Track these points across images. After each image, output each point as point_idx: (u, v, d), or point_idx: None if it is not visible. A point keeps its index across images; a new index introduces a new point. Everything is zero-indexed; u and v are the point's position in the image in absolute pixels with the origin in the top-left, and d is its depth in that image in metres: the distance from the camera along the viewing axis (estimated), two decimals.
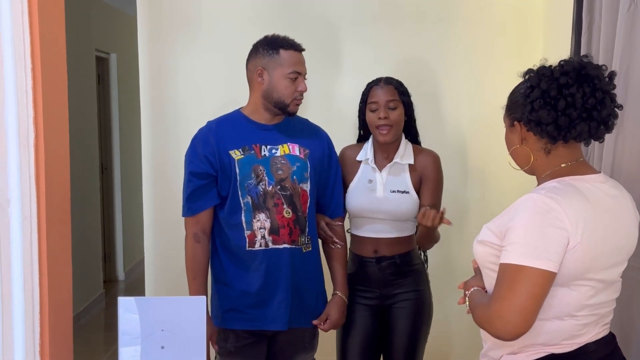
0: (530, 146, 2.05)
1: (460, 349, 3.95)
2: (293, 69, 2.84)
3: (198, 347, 2.10)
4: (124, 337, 2.08)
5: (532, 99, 1.97)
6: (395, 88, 3.07)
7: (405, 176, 3.09)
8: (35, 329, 2.13)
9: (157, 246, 3.91)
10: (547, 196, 1.87)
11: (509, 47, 3.79)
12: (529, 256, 1.81)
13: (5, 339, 2.10)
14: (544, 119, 1.95)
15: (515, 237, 1.85)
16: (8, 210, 2.08)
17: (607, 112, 1.95)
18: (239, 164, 2.84)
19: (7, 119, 2.07)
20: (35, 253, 2.13)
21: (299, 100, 2.88)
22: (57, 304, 2.24)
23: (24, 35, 2.08)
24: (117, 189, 7.58)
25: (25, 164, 2.09)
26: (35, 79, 2.10)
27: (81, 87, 6.41)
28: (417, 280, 3.14)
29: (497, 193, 3.81)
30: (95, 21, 6.93)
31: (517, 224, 1.86)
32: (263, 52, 2.87)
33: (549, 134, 1.97)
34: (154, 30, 3.83)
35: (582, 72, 1.95)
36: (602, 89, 1.94)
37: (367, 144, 3.16)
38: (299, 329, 2.97)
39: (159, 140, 3.87)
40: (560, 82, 1.94)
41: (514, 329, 1.81)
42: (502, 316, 1.81)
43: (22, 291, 2.11)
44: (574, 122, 1.93)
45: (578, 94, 1.92)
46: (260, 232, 2.84)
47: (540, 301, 1.83)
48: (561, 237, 1.84)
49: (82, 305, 6.36)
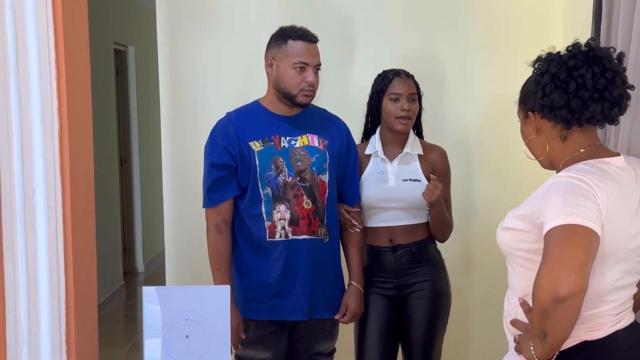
0: (546, 135, 2.05)
1: (479, 339, 3.93)
2: (298, 59, 2.81)
3: (222, 336, 2.10)
4: (149, 327, 2.08)
5: (543, 84, 1.98)
6: (413, 82, 3.11)
7: (415, 165, 3.11)
8: (62, 317, 2.16)
9: (177, 237, 3.91)
10: (576, 175, 1.88)
11: (528, 38, 3.74)
12: (571, 216, 1.79)
13: (32, 327, 2.12)
14: (557, 102, 1.95)
15: (552, 209, 1.83)
16: (33, 200, 2.10)
17: (618, 92, 1.95)
18: (258, 156, 2.85)
19: (32, 110, 2.09)
20: (61, 242, 2.15)
21: (307, 92, 2.84)
22: (83, 292, 2.27)
23: (47, 26, 2.10)
24: (136, 181, 7.60)
25: (50, 154, 2.11)
26: (59, 70, 2.11)
27: (100, 80, 6.42)
28: (433, 269, 3.14)
29: (507, 185, 3.79)
30: (114, 14, 6.95)
31: (551, 201, 1.85)
32: (274, 43, 2.88)
33: (562, 118, 1.97)
34: (172, 23, 3.82)
35: (590, 54, 1.95)
36: (611, 68, 1.94)
37: (374, 138, 3.17)
38: (320, 319, 2.98)
39: (179, 133, 3.87)
40: (569, 64, 1.94)
41: (570, 282, 1.73)
42: (556, 274, 1.74)
43: (48, 280, 2.13)
44: (586, 104, 1.93)
45: (588, 74, 1.92)
46: (281, 222, 2.85)
47: (592, 255, 1.79)
48: (597, 207, 1.83)
49: (102, 297, 6.38)
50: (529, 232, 1.94)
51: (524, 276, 2.00)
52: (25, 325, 2.12)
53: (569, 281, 1.73)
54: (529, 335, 1.92)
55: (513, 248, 2.02)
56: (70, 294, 2.18)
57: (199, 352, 2.08)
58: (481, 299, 3.82)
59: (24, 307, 2.11)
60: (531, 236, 1.93)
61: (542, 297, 1.77)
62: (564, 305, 1.74)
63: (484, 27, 3.83)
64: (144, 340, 2.08)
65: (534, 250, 1.92)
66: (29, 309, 2.12)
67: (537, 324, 1.84)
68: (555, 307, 1.75)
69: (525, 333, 1.97)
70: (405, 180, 3.08)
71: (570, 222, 1.79)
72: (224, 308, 2.10)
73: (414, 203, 3.07)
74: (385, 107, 3.09)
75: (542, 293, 1.77)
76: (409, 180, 3.07)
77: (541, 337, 1.83)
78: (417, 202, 3.07)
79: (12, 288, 2.11)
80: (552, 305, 1.76)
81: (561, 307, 1.75)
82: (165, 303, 2.08)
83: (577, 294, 1.74)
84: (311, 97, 2.89)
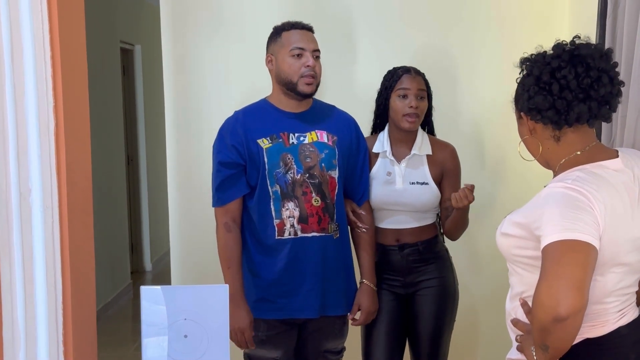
0: (539, 136, 2.03)
1: (487, 337, 3.91)
2: (294, 45, 2.83)
3: (221, 336, 2.09)
4: (148, 327, 2.07)
5: (528, 86, 1.97)
6: (423, 79, 3.08)
7: (424, 168, 3.08)
8: (59, 319, 2.13)
9: (182, 237, 3.91)
10: (573, 185, 1.85)
11: (534, 34, 3.71)
12: (568, 231, 1.77)
13: (29, 329, 2.10)
14: (541, 104, 1.94)
15: (549, 224, 1.81)
16: (29, 199, 2.08)
17: (605, 90, 1.92)
18: (267, 153, 2.84)
19: (27, 108, 2.07)
20: (57, 242, 2.13)
21: (308, 79, 2.83)
22: (80, 293, 2.24)
23: (42, 23, 2.07)
24: (143, 180, 7.61)
25: (46, 152, 2.09)
26: (54, 68, 2.09)
27: (106, 79, 6.44)
28: (440, 266, 3.13)
29: (516, 182, 3.75)
30: (120, 13, 6.95)
31: (548, 214, 1.83)
32: (271, 40, 2.93)
33: (550, 120, 1.96)
34: (177, 21, 3.81)
35: (574, 52, 1.94)
36: (597, 67, 1.92)
37: (382, 135, 3.14)
38: (330, 316, 2.97)
39: (184, 132, 3.86)
40: (552, 65, 1.93)
41: (569, 301, 1.71)
42: (555, 292, 1.73)
43: (45, 281, 2.10)
44: (571, 104, 1.92)
45: (570, 75, 1.90)
46: (289, 220, 2.84)
47: (590, 272, 1.77)
48: (594, 220, 1.81)
49: (109, 296, 6.39)
50: (527, 240, 1.92)
51: (525, 280, 2.00)
52: (22, 326, 2.09)
53: (568, 300, 1.71)
54: (530, 337, 1.91)
55: (513, 254, 2.01)
56: (68, 294, 2.15)
57: (198, 352, 2.07)
58: (489, 296, 3.79)
59: (21, 308, 2.09)
60: (530, 243, 1.91)
61: (541, 315, 1.76)
62: (564, 323, 1.73)
63: (490, 24, 3.83)
64: (142, 339, 2.07)
65: (533, 256, 1.91)
66: (26, 310, 2.09)
67: (537, 338, 1.82)
68: (555, 325, 1.74)
69: (526, 334, 1.96)
70: (413, 183, 3.06)
71: (568, 238, 1.77)
72: (223, 307, 2.09)
73: (421, 207, 3.07)
74: (392, 103, 3.06)
75: (542, 311, 1.76)
76: (417, 184, 3.06)
77: (543, 348, 1.82)
78: (423, 205, 3.07)
79: (9, 289, 2.09)
80: (552, 324, 1.75)
81: (561, 326, 1.74)
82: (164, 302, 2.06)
83: (577, 312, 1.73)
84: (314, 86, 2.87)
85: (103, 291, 6.21)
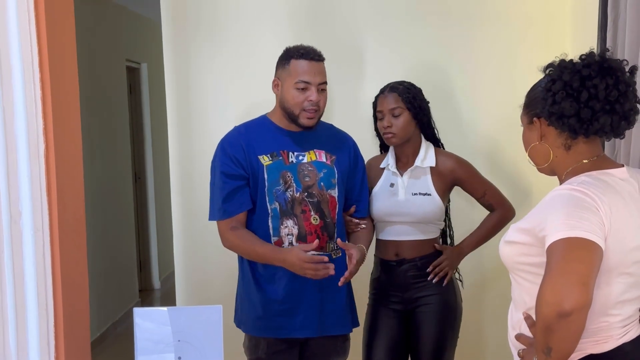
0: (550, 142, 2.02)
1: (493, 352, 3.87)
2: (300, 79, 2.79)
3: (215, 357, 2.07)
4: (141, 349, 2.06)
5: (555, 91, 1.94)
6: (399, 95, 3.04)
7: (426, 179, 3.07)
8: (50, 343, 2.11)
9: (186, 255, 3.89)
10: (578, 188, 1.85)
11: (536, 45, 3.70)
12: (574, 229, 1.76)
13: (21, 354, 2.08)
14: (567, 110, 1.92)
15: (554, 223, 1.80)
16: (20, 222, 2.07)
17: (629, 105, 1.93)
18: (267, 170, 2.82)
19: (17, 130, 2.06)
20: (49, 265, 2.11)
21: (310, 113, 2.81)
22: (73, 317, 2.22)
23: (31, 46, 2.06)
24: (150, 198, 7.60)
25: (36, 175, 2.07)
26: (44, 89, 2.08)
27: (113, 97, 6.45)
28: (440, 282, 3.09)
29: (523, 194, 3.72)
30: (126, 31, 6.97)
31: (553, 214, 1.82)
32: (279, 64, 2.88)
33: (570, 127, 1.94)
34: (178, 38, 3.82)
35: (604, 64, 1.93)
36: (625, 81, 1.92)
37: (390, 151, 3.16)
38: (330, 335, 2.94)
39: (186, 150, 3.85)
40: (583, 73, 1.92)
41: (574, 296, 1.69)
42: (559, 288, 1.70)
43: (36, 305, 2.09)
44: (596, 115, 1.91)
45: (601, 85, 1.89)
46: (288, 238, 2.82)
47: (595, 270, 1.76)
48: (599, 220, 1.81)
49: (118, 315, 6.38)
50: (531, 246, 1.91)
51: (527, 290, 1.97)
52: (13, 350, 2.07)
53: (572, 296, 1.69)
54: (532, 350, 1.89)
55: (516, 262, 1.99)
56: (60, 319, 2.13)
57: None
58: (495, 310, 3.75)
59: (12, 330, 2.07)
60: (534, 249, 1.90)
61: (545, 312, 1.73)
62: (568, 320, 1.70)
63: (492, 35, 3.80)
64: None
65: (537, 264, 1.89)
66: (17, 334, 2.07)
67: (540, 339, 1.80)
68: (559, 322, 1.71)
69: (529, 347, 1.94)
70: (415, 194, 3.06)
71: (573, 235, 1.76)
72: (217, 328, 2.08)
73: (422, 217, 3.06)
74: (377, 125, 3.12)
75: (546, 308, 1.73)
76: (419, 195, 3.06)
77: (545, 352, 1.79)
78: (425, 216, 3.05)
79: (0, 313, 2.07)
80: (556, 320, 1.72)
81: (565, 322, 1.71)
82: (158, 324, 2.05)
83: (581, 308, 1.70)
84: (315, 119, 2.85)
85: (111, 309, 6.20)
